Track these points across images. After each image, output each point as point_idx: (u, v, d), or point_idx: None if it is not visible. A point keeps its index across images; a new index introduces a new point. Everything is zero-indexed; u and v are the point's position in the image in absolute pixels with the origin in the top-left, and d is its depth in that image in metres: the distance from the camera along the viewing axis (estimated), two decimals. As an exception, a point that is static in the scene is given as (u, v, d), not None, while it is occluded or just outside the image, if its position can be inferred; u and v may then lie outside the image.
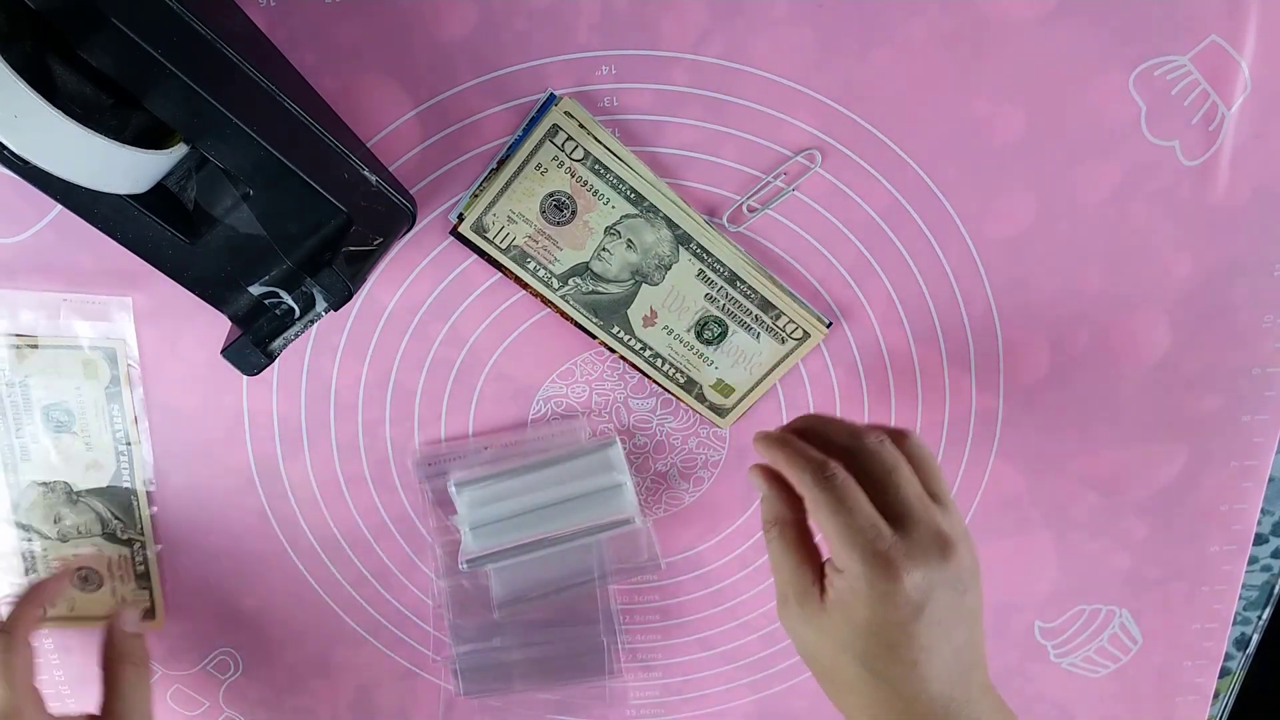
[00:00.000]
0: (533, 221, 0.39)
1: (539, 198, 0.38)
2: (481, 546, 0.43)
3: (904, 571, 0.31)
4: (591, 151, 0.38)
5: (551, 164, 0.38)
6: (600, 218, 0.39)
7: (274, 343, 0.34)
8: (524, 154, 0.38)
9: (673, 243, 0.39)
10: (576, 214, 0.39)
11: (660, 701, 0.49)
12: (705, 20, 0.37)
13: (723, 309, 0.40)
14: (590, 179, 0.38)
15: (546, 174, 0.38)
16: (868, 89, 0.38)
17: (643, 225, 0.39)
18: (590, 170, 0.38)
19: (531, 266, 0.39)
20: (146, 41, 0.28)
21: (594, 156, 0.38)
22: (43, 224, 0.39)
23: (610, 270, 0.40)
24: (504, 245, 0.39)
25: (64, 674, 0.48)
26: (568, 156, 0.38)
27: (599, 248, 0.39)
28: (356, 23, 0.37)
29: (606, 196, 0.38)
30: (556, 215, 0.39)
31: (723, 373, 0.42)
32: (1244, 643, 0.50)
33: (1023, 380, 0.43)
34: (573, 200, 0.38)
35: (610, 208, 0.38)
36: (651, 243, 0.39)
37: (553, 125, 0.37)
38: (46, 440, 0.43)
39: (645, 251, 0.39)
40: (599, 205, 0.38)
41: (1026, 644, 0.48)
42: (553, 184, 0.38)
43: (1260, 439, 0.44)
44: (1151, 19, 0.37)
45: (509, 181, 0.38)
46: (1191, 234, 0.40)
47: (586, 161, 0.38)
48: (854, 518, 0.31)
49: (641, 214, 0.39)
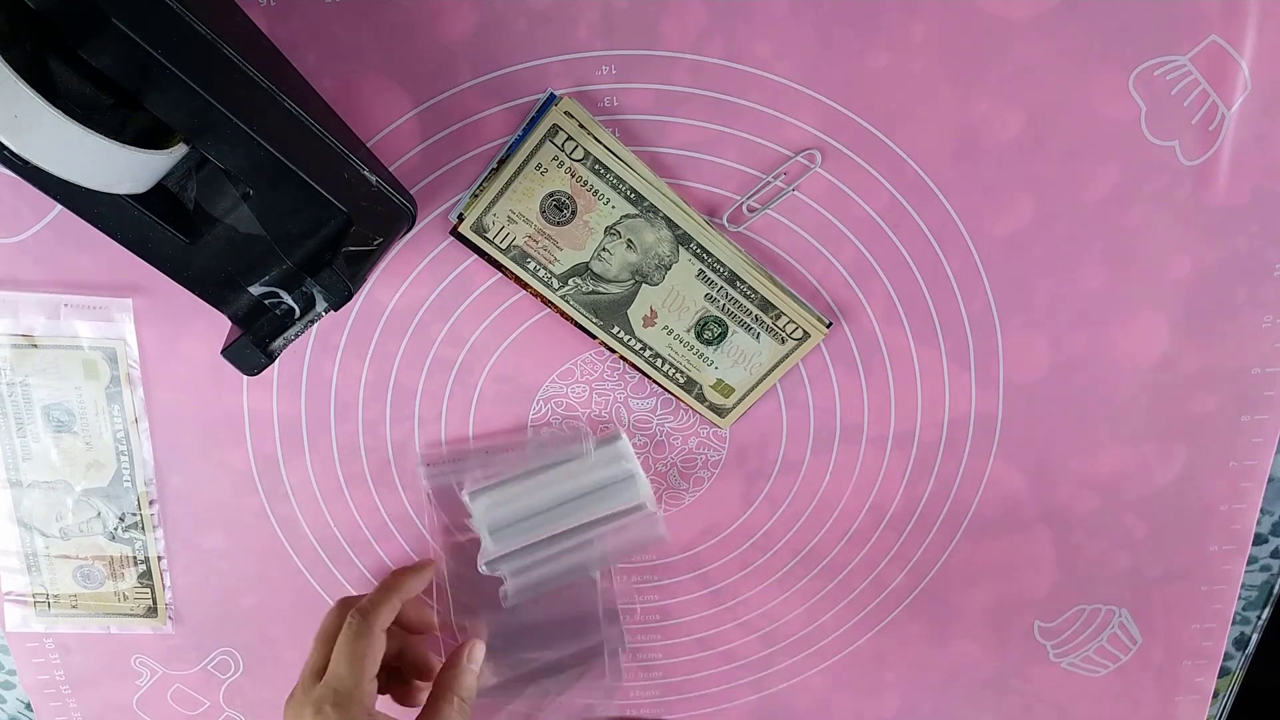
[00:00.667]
0: (533, 221, 0.39)
1: (539, 198, 0.38)
2: (501, 548, 0.43)
3: None
4: (592, 151, 0.38)
5: (551, 164, 0.38)
6: (600, 218, 0.39)
7: (274, 343, 0.34)
8: (524, 154, 0.38)
9: (673, 243, 0.39)
10: (576, 214, 0.39)
11: (660, 701, 0.49)
12: (705, 20, 0.37)
13: (723, 309, 0.40)
14: (590, 179, 0.38)
15: (547, 174, 0.38)
16: (868, 89, 0.38)
17: (643, 225, 0.39)
18: (590, 170, 0.38)
19: (531, 266, 0.39)
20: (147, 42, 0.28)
21: (594, 156, 0.38)
22: (42, 224, 0.39)
23: (610, 270, 0.40)
24: (504, 245, 0.39)
25: (65, 674, 0.48)
26: (568, 156, 0.38)
27: (599, 248, 0.39)
28: (357, 23, 0.37)
29: (606, 196, 0.38)
30: (556, 215, 0.39)
31: (723, 373, 0.42)
32: (1243, 642, 0.50)
33: (1022, 380, 0.43)
34: (573, 200, 0.38)
35: (610, 208, 0.38)
36: (651, 243, 0.39)
37: (553, 125, 0.37)
38: (47, 440, 0.43)
39: (645, 251, 0.39)
40: (599, 205, 0.38)
41: (1026, 644, 0.48)
42: (553, 184, 0.38)
43: (1259, 439, 0.44)
44: (1151, 19, 0.37)
45: (509, 181, 0.38)
46: (1191, 234, 0.40)
47: (586, 161, 0.38)
48: None
49: (641, 214, 0.39)
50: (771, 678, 0.49)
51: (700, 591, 0.47)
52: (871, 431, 0.44)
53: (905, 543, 0.46)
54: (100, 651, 0.47)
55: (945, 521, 0.45)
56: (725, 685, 0.49)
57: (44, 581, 0.45)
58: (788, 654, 0.48)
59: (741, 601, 0.47)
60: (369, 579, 0.46)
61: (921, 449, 0.44)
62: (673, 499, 0.45)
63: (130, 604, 0.46)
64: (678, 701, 0.49)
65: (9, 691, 0.50)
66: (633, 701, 0.49)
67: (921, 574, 0.46)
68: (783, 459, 0.44)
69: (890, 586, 0.47)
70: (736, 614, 0.47)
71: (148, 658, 0.48)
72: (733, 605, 0.47)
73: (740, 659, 0.48)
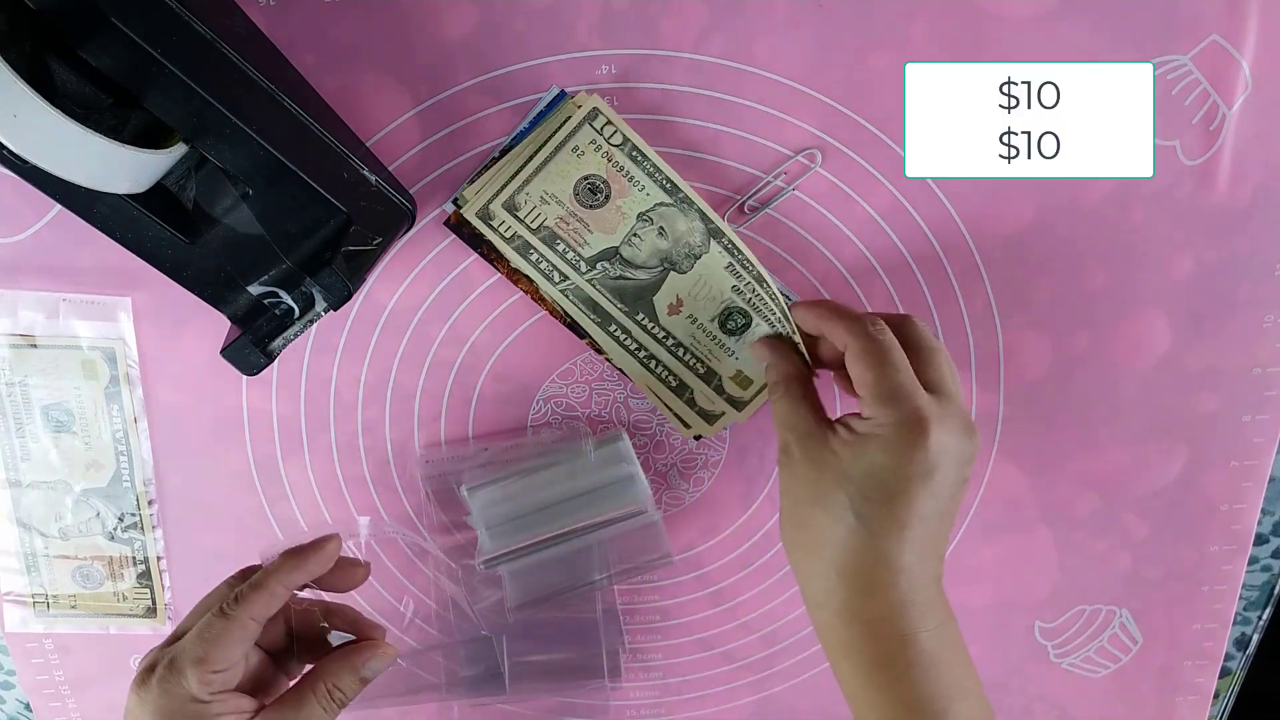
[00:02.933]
0: (565, 203, 0.39)
1: (574, 180, 0.38)
2: (498, 546, 0.43)
3: (933, 431, 0.32)
4: (630, 138, 0.38)
5: (589, 147, 0.38)
6: (634, 203, 0.39)
7: (273, 342, 0.34)
8: (558, 138, 0.38)
9: (704, 233, 0.39)
10: (610, 198, 0.39)
11: (660, 701, 0.49)
12: (705, 20, 0.37)
13: (748, 302, 0.40)
14: (627, 164, 0.38)
15: (583, 157, 0.38)
16: (868, 89, 0.38)
17: (676, 214, 0.39)
18: (628, 156, 0.38)
19: (560, 248, 0.39)
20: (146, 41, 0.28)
21: (631, 142, 0.38)
22: (42, 223, 0.39)
23: (640, 256, 0.40)
24: (535, 225, 0.39)
25: (64, 674, 0.48)
26: (606, 140, 0.38)
27: (630, 233, 0.39)
28: (356, 22, 0.37)
29: (641, 183, 0.38)
30: (590, 199, 0.38)
31: (743, 364, 0.41)
32: (1244, 643, 0.50)
33: (1023, 380, 0.43)
34: (607, 184, 0.38)
35: (645, 194, 0.38)
36: (683, 231, 0.39)
37: (592, 109, 0.37)
38: (46, 440, 0.43)
39: (676, 240, 0.39)
40: (633, 191, 0.38)
41: (1026, 644, 0.48)
42: (588, 167, 0.38)
43: (1260, 439, 0.44)
44: (1152, 19, 0.37)
45: (545, 162, 0.38)
46: (1192, 233, 0.40)
47: (625, 147, 0.38)
48: (897, 372, 0.33)
49: (676, 203, 0.39)
50: (772, 678, 0.49)
51: (700, 591, 0.47)
52: (872, 431, 0.44)
53: (905, 543, 0.46)
54: (99, 652, 0.47)
55: (945, 522, 0.45)
56: (725, 686, 0.49)
57: (43, 582, 0.45)
58: (788, 654, 0.48)
59: (741, 602, 0.47)
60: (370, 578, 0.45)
61: (922, 449, 0.44)
62: (673, 499, 0.45)
63: (130, 604, 0.46)
64: (678, 702, 0.49)
65: (8, 692, 0.50)
66: (633, 702, 0.49)
67: (922, 574, 0.46)
68: (783, 459, 0.44)
69: (890, 587, 0.47)
70: (736, 614, 0.47)
71: (147, 658, 0.47)
72: (733, 605, 0.47)
73: (740, 659, 0.48)
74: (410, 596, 0.46)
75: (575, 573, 0.44)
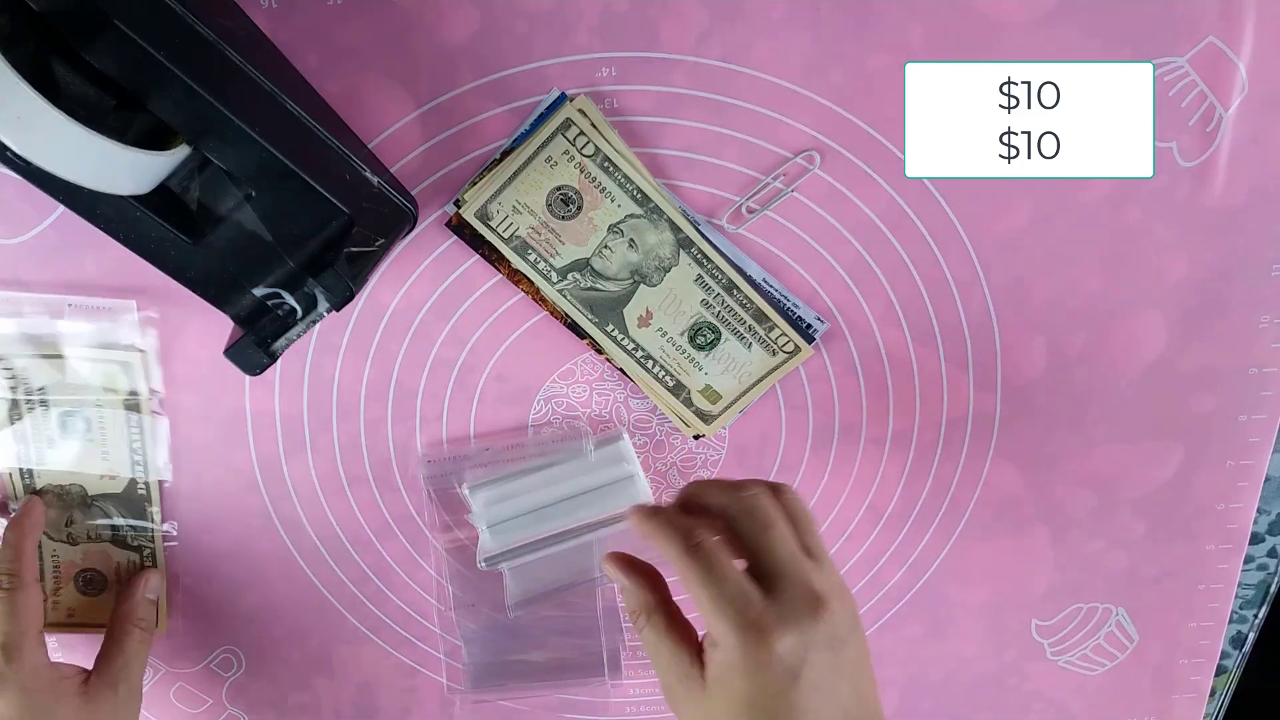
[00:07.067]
0: (538, 213, 0.39)
1: (546, 190, 0.38)
2: (499, 544, 0.43)
3: (775, 637, 0.29)
4: (602, 149, 0.38)
5: (562, 158, 0.38)
6: (605, 215, 0.39)
7: (276, 343, 0.34)
8: (535, 145, 0.38)
9: (674, 245, 0.39)
10: (582, 210, 0.39)
11: (660, 699, 0.49)
12: (704, 22, 0.37)
13: (718, 315, 0.40)
14: (599, 176, 0.38)
15: (556, 167, 0.38)
16: (866, 90, 0.38)
17: (646, 226, 0.39)
18: (599, 167, 0.38)
19: (532, 258, 0.39)
20: (149, 43, 0.28)
21: (604, 154, 0.38)
22: (45, 225, 0.39)
23: (610, 268, 0.40)
24: (506, 235, 0.39)
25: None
26: (579, 151, 0.38)
27: (601, 244, 0.39)
28: (358, 25, 0.37)
29: (613, 195, 0.38)
30: (563, 209, 0.39)
31: (712, 379, 0.42)
32: (1240, 641, 0.50)
33: (1020, 380, 0.43)
34: (580, 195, 0.39)
35: (616, 206, 0.39)
36: (653, 244, 0.39)
37: (566, 119, 0.37)
38: (61, 444, 0.43)
39: (646, 252, 0.39)
40: (605, 202, 0.39)
41: (1023, 642, 0.48)
42: (561, 178, 0.38)
43: (1256, 438, 0.44)
44: (1149, 21, 0.37)
45: (518, 171, 0.38)
46: (1188, 234, 0.40)
47: (596, 158, 0.38)
48: (722, 586, 0.30)
49: (646, 215, 0.39)
50: (771, 676, 0.49)
51: (700, 590, 0.47)
52: (870, 432, 0.44)
53: (903, 542, 0.46)
54: (102, 650, 0.48)
55: (943, 520, 0.46)
56: (724, 683, 0.49)
57: (47, 587, 0.45)
58: (787, 652, 0.48)
59: (741, 600, 0.47)
60: (371, 578, 0.46)
61: (919, 449, 0.44)
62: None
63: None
64: (677, 699, 0.49)
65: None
66: (633, 699, 0.49)
67: (919, 573, 0.47)
68: (781, 459, 0.44)
69: (888, 585, 0.47)
70: (736, 612, 0.47)
71: (150, 656, 0.48)
72: (732, 604, 0.47)
73: (739, 657, 0.48)
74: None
75: (575, 570, 0.45)
